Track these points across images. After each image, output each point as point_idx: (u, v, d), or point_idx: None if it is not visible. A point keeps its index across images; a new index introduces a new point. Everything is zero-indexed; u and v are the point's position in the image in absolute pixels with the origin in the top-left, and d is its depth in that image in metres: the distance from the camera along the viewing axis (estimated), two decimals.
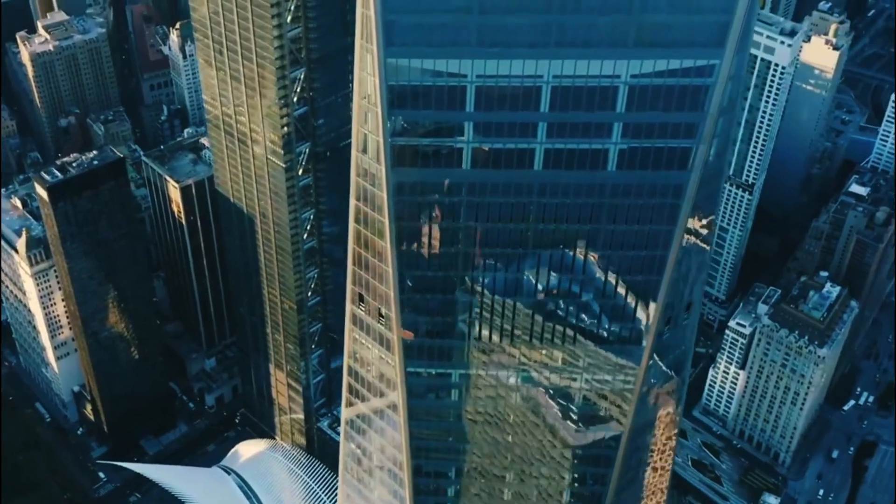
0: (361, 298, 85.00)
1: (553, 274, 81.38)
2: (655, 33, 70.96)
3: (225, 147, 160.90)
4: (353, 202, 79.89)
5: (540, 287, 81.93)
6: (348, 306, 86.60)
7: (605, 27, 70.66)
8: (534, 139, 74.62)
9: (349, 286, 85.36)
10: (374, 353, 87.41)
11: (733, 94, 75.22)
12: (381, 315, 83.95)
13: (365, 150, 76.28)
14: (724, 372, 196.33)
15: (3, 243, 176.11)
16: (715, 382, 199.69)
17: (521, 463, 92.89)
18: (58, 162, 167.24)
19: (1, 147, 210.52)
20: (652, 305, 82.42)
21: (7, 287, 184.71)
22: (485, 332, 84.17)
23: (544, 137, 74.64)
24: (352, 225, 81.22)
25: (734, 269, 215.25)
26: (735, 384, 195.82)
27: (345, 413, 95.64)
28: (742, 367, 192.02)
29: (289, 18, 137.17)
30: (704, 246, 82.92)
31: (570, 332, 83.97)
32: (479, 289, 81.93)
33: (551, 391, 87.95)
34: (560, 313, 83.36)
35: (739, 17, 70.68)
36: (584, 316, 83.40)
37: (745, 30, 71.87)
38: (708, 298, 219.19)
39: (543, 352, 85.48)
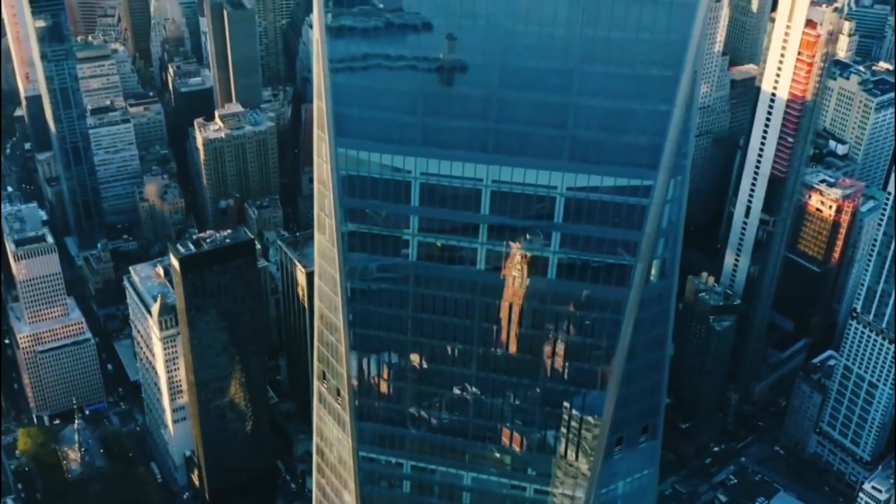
0: (324, 376, 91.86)
1: (501, 376, 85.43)
2: (588, 150, 75.66)
3: None
4: (316, 281, 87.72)
5: (487, 388, 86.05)
6: (315, 383, 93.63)
7: (541, 139, 76.04)
8: (475, 239, 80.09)
9: (315, 363, 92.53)
10: (334, 433, 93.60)
11: (674, 216, 78.25)
12: (338, 394, 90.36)
13: (323, 233, 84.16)
14: None
15: (141, 307, 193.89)
16: None
17: None
18: (194, 236, 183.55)
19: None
20: (598, 422, 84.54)
21: (141, 348, 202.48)
22: (435, 425, 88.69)
23: (485, 239, 79.99)
24: (317, 303, 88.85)
25: (882, 428, 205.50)
26: None
27: (315, 494, 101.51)
28: None
29: None
30: (656, 367, 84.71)
31: (517, 436, 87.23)
32: (429, 380, 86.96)
33: (502, 495, 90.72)
34: (507, 416, 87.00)
35: (672, 141, 74.15)
36: (529, 423, 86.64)
37: (680, 154, 75.21)
38: (852, 458, 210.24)
39: (495, 454, 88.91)
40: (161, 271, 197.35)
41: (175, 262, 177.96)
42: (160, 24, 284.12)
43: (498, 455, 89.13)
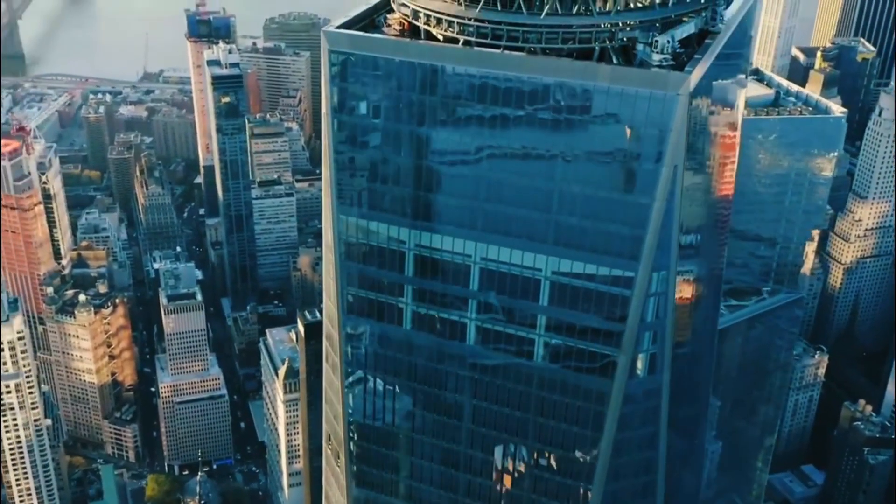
0: (329, 438, 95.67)
1: (488, 455, 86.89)
2: (572, 235, 76.94)
3: None
4: (324, 343, 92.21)
5: (475, 467, 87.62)
6: (324, 445, 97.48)
7: (526, 221, 78.10)
8: (465, 313, 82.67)
9: (324, 425, 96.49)
10: (336, 496, 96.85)
11: (661, 311, 78.30)
12: (338, 457, 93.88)
13: (329, 296, 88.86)
14: None
15: (271, 369, 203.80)
16: None
17: None
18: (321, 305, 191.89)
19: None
20: None
21: (268, 409, 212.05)
22: (426, 499, 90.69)
23: (475, 314, 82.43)
24: (325, 365, 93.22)
25: None
26: None
27: None
28: None
29: None
30: (647, 467, 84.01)
31: None
32: (418, 452, 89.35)
33: None
34: (496, 497, 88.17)
35: (653, 234, 74.71)
36: None
37: (664, 247, 75.58)
38: None
39: None
40: (294, 336, 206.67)
41: (301, 328, 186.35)
42: None
43: None
